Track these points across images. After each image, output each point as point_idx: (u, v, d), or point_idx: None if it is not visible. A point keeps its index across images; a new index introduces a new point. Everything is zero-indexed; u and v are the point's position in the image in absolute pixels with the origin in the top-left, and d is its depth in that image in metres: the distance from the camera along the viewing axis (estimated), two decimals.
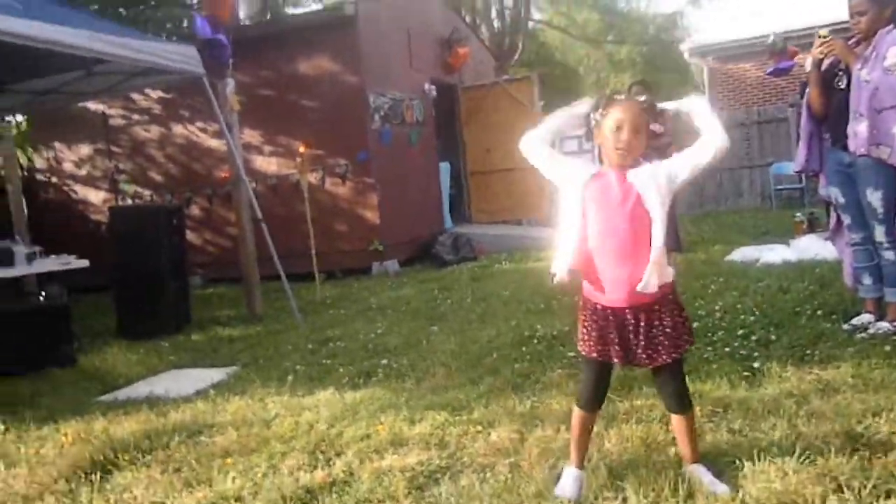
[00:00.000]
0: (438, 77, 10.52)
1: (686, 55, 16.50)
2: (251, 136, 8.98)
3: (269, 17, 13.20)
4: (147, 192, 9.58)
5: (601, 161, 2.33)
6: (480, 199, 11.22)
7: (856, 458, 2.34)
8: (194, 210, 9.41)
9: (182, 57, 5.41)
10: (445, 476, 2.60)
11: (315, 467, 2.79)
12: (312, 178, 8.51)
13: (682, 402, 2.36)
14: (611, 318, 2.28)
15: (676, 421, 2.39)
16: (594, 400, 2.39)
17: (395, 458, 2.78)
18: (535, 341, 4.35)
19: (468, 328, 5.03)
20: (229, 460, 2.91)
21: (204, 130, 9.14)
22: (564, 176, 2.32)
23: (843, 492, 2.15)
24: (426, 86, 10.06)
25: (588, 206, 2.26)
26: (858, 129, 3.63)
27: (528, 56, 21.61)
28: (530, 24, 21.36)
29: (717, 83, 15.65)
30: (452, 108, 11.24)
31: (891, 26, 3.60)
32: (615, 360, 2.31)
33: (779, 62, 9.87)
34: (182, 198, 9.17)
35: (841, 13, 4.01)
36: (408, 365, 4.20)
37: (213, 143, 8.91)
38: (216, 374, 4.38)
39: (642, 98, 2.25)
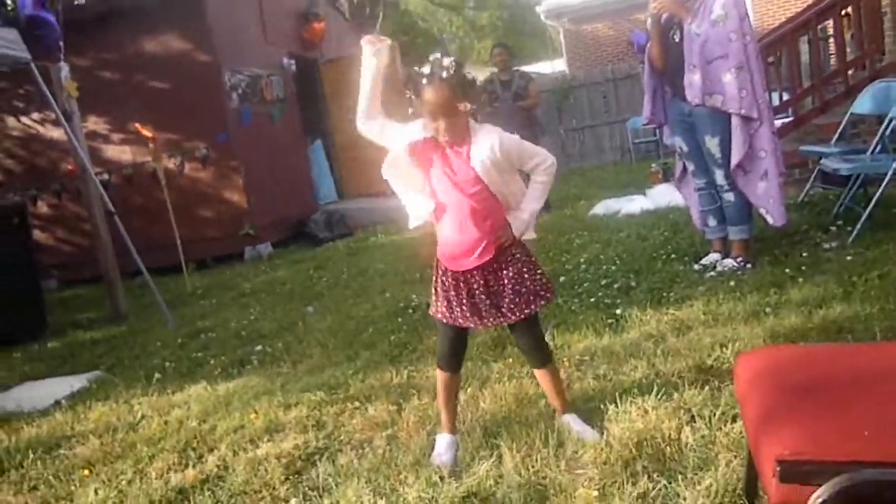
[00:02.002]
0: (297, 51, 10.20)
1: (542, 17, 16.89)
2: (99, 124, 8.37)
3: None
4: None
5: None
6: (351, 173, 11.05)
7: (706, 388, 2.51)
8: (42, 207, 8.70)
9: (2, 41, 4.91)
10: (323, 457, 2.56)
11: (186, 466, 2.68)
12: (170, 164, 8.08)
13: (540, 357, 2.42)
14: (461, 281, 2.29)
15: (539, 375, 2.47)
16: (452, 360, 2.41)
17: (271, 445, 2.71)
18: (411, 311, 4.36)
19: (344, 305, 4.97)
20: (91, 471, 2.74)
21: (44, 121, 8.43)
22: (398, 142, 2.28)
23: (695, 422, 2.29)
24: (284, 60, 9.71)
25: (432, 175, 2.27)
26: (693, 80, 3.83)
27: (390, 25, 21.39)
28: None
29: (572, 44, 16.15)
30: (315, 83, 10.95)
31: None
32: (462, 323, 2.32)
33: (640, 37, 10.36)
34: (26, 195, 8.45)
35: None
36: (283, 349, 4.10)
37: (56, 133, 8.21)
38: (76, 382, 4.08)
39: (445, 70, 2.17)
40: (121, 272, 6.11)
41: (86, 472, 2.73)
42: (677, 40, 3.94)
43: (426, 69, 2.19)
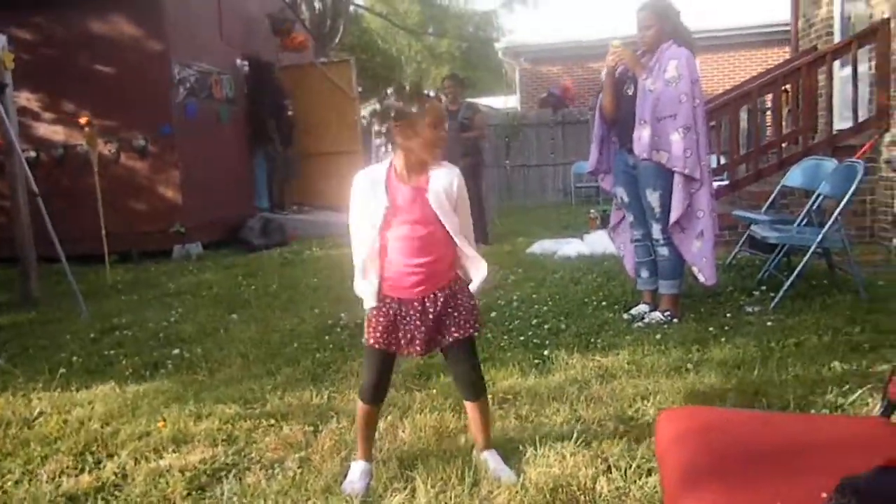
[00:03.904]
0: (253, 53, 10.05)
1: (500, 54, 17.20)
2: (34, 100, 8.02)
3: None
4: None
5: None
6: (295, 183, 10.89)
7: (625, 439, 2.53)
8: None
9: None
10: (230, 474, 2.46)
11: (81, 470, 2.53)
12: (105, 150, 7.78)
13: (476, 388, 2.39)
14: (402, 307, 2.26)
15: (470, 408, 2.42)
16: (377, 392, 2.36)
17: (176, 456, 2.59)
18: (339, 330, 4.28)
19: (271, 316, 4.85)
20: None
21: None
22: (372, 215, 2.24)
23: (611, 472, 2.30)
24: (238, 61, 9.56)
25: (390, 211, 2.23)
26: (642, 135, 3.93)
27: (350, 41, 21.40)
28: (352, 8, 21.10)
29: (527, 83, 16.47)
30: (266, 88, 10.77)
31: (670, 42, 3.93)
32: (400, 351, 2.29)
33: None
34: None
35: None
36: (201, 355, 3.95)
37: None
38: None
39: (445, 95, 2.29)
40: (38, 256, 5.82)
41: None
42: (630, 94, 4.05)
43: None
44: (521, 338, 3.91)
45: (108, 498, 2.32)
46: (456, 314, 2.28)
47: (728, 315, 4.13)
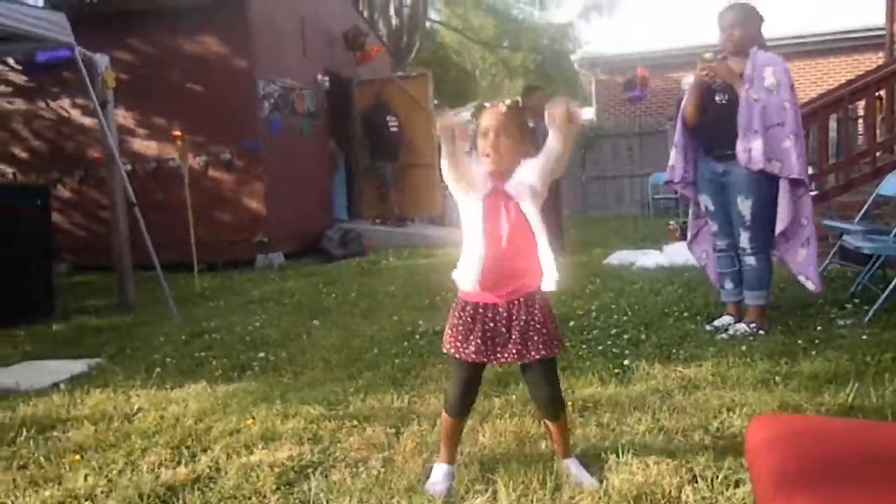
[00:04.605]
0: (333, 69, 10.35)
1: (576, 66, 17.11)
2: (130, 116, 8.50)
3: None
4: (10, 171, 8.86)
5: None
6: (372, 194, 11.12)
7: (711, 450, 2.47)
8: (64, 192, 8.80)
9: (49, 24, 5.00)
10: (316, 471, 2.53)
11: (178, 463, 2.65)
12: (195, 163, 8.16)
13: (555, 409, 2.35)
14: (486, 314, 2.26)
15: (550, 425, 2.41)
16: (462, 405, 2.36)
17: (265, 453, 2.68)
18: (418, 337, 4.34)
19: (351, 323, 4.96)
20: (82, 457, 2.72)
21: (76, 107, 8.56)
22: (471, 186, 2.23)
23: (697, 482, 2.26)
24: (319, 77, 9.86)
25: (484, 202, 2.25)
26: (753, 146, 3.82)
27: (426, 55, 21.69)
28: (428, 23, 21.42)
29: (603, 94, 16.30)
30: (346, 102, 11.07)
31: (756, 47, 3.84)
32: (481, 359, 2.27)
33: (632, 91, 11.11)
34: (49, 178, 8.55)
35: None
36: (286, 358, 4.08)
37: (87, 121, 8.35)
38: (76, 366, 4.08)
39: (508, 102, 2.25)
40: (133, 264, 6.14)
41: (77, 457, 2.71)
42: (723, 102, 3.94)
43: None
44: (600, 347, 3.87)
45: (203, 489, 2.43)
46: (545, 331, 2.25)
47: (818, 328, 3.98)
